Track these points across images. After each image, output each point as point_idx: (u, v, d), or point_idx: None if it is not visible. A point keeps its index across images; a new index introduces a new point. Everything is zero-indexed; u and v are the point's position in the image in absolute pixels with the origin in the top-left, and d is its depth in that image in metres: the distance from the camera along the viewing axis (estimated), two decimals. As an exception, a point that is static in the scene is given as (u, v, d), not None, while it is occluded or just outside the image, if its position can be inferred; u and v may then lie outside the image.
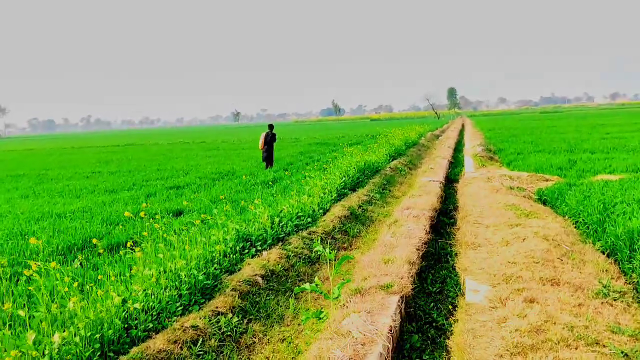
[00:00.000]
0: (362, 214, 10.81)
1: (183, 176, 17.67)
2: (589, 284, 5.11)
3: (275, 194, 12.79)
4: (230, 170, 19.06)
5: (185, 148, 37.44)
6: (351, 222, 9.92)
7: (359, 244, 8.83)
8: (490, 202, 9.08)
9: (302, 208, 9.47)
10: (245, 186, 14.50)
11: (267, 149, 18.55)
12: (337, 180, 12.71)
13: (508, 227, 7.08)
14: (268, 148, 18.55)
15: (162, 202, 12.23)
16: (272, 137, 18.53)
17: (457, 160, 21.24)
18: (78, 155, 34.05)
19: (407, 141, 26.71)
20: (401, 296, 4.75)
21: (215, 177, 16.94)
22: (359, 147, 20.52)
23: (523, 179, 12.76)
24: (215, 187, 14.72)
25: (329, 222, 9.24)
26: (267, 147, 18.51)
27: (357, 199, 11.82)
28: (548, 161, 16.61)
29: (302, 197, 10.14)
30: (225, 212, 8.78)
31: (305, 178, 12.77)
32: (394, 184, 15.34)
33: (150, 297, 4.93)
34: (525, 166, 15.97)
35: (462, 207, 9.49)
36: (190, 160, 25.26)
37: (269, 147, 18.57)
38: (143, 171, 20.48)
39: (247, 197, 12.33)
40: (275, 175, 16.90)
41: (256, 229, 7.65)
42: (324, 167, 15.29)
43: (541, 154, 18.94)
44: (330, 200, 10.83)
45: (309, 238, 8.20)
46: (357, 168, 14.64)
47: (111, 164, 25.37)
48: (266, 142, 18.42)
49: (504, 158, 18.79)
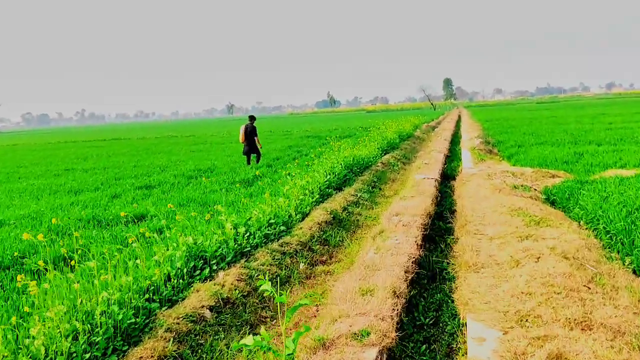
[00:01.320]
0: (347, 218, 9.56)
1: (158, 174, 16.37)
2: (628, 324, 3.87)
3: (254, 195, 11.54)
4: (211, 166, 17.78)
5: (171, 142, 36.08)
6: (333, 229, 8.66)
7: (341, 256, 7.59)
8: (493, 205, 7.83)
9: (276, 213, 8.20)
10: (222, 185, 13.23)
11: (248, 142, 17.07)
12: (321, 178, 11.45)
13: (517, 239, 5.83)
14: (249, 142, 17.10)
15: (125, 206, 10.95)
16: (252, 130, 16.99)
17: (454, 154, 19.99)
18: (59, 151, 32.65)
19: (401, 134, 25.43)
20: (380, 350, 3.50)
21: (192, 175, 15.65)
22: (347, 141, 19.24)
23: (527, 175, 11.53)
24: (190, 186, 13.44)
25: (306, 230, 7.98)
26: (248, 140, 17.04)
27: (343, 199, 10.57)
28: (552, 154, 15.39)
29: (279, 199, 8.87)
30: (189, 219, 7.54)
31: (287, 176, 11.49)
32: (385, 181, 14.09)
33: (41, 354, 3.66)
34: (527, 160, 14.73)
35: (461, 210, 8.23)
36: (173, 155, 23.95)
37: (250, 140, 17.05)
38: (118, 168, 19.19)
39: (219, 198, 11.06)
40: (259, 171, 15.62)
41: (214, 242, 6.36)
42: (307, 164, 14.01)
43: (543, 146, 17.71)
44: (311, 203, 9.57)
45: (280, 251, 6.94)
46: (344, 164, 13.37)
47: (89, 160, 24.03)
48: (246, 136, 17.01)
49: (504, 151, 17.54)
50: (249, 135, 16.94)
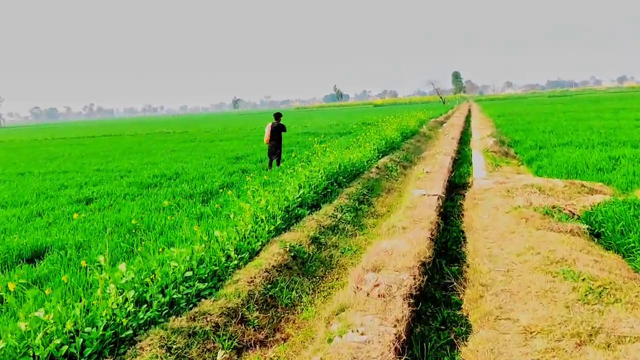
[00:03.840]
0: (316, 254, 7.00)
1: (112, 181, 13.89)
2: None
3: (206, 217, 9.04)
4: (180, 171, 15.28)
5: (159, 139, 33.62)
6: (291, 276, 6.13)
7: (292, 329, 5.06)
8: (521, 251, 5.25)
9: (201, 258, 5.66)
10: (178, 199, 10.74)
11: (274, 143, 14.77)
12: (290, 195, 8.91)
13: (574, 343, 3.26)
14: (275, 142, 14.78)
15: (36, 231, 8.48)
16: (279, 128, 14.81)
17: (463, 156, 17.35)
18: (36, 150, 30.33)
19: (404, 131, 22.79)
20: None
21: (150, 183, 13.16)
22: (339, 141, 16.59)
23: (558, 190, 8.90)
24: (137, 200, 10.94)
25: (243, 285, 5.44)
26: (274, 141, 14.75)
27: (316, 224, 8.03)
28: (581, 159, 12.73)
29: (215, 232, 6.34)
30: (107, 253, 5.07)
31: (248, 192, 8.92)
32: (378, 192, 11.52)
33: None
34: (553, 167, 12.08)
35: (472, 261, 5.55)
36: (151, 155, 21.48)
37: (277, 141, 14.81)
38: (77, 172, 16.75)
39: (157, 222, 8.57)
40: (229, 179, 13.11)
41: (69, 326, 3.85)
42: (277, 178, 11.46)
43: (569, 147, 15.03)
44: (266, 234, 7.02)
45: (186, 332, 4.41)
46: (326, 173, 10.81)
47: (55, 161, 21.62)
48: (272, 135, 14.70)
49: (523, 154, 14.86)
50: (276, 134, 14.74)
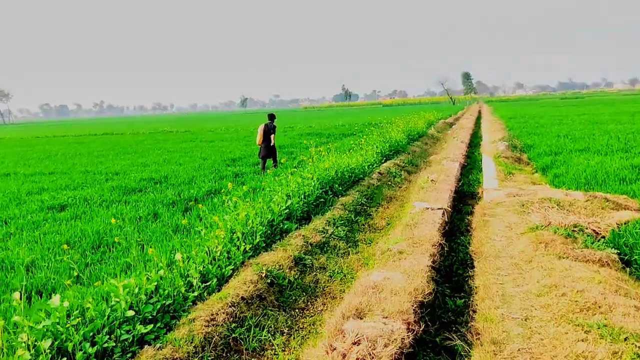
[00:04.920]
0: (297, 280, 6.02)
1: (95, 185, 13.00)
2: None
3: (181, 230, 8.09)
4: (169, 173, 14.38)
5: (160, 139, 32.77)
6: (263, 310, 5.15)
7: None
8: (542, 290, 4.25)
9: (155, 289, 4.70)
10: (157, 207, 9.82)
11: (266, 144, 14.38)
12: (278, 204, 7.94)
13: None
14: (267, 143, 14.38)
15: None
16: (272, 130, 14.42)
17: (473, 161, 16.29)
18: (31, 148, 29.58)
19: (411, 133, 21.74)
20: None
21: (134, 188, 12.26)
22: (332, 145, 15.62)
23: (579, 205, 7.85)
24: (113, 207, 10.02)
25: (200, 325, 4.46)
26: (265, 142, 14.36)
27: (302, 241, 7.04)
28: (601, 167, 11.65)
29: (177, 255, 5.37)
30: None
31: (227, 203, 7.92)
32: (378, 201, 10.52)
33: None
34: (570, 176, 11.01)
35: (482, 304, 4.42)
36: (145, 156, 20.61)
37: (268, 141, 14.39)
38: (66, 173, 15.93)
39: (127, 234, 7.64)
40: (218, 184, 12.17)
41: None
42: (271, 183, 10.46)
43: (586, 154, 13.92)
44: (240, 256, 6.04)
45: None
46: (321, 181, 9.82)
47: (48, 160, 20.81)
48: (265, 137, 14.31)
49: (537, 160, 13.77)
50: (267, 136, 14.34)
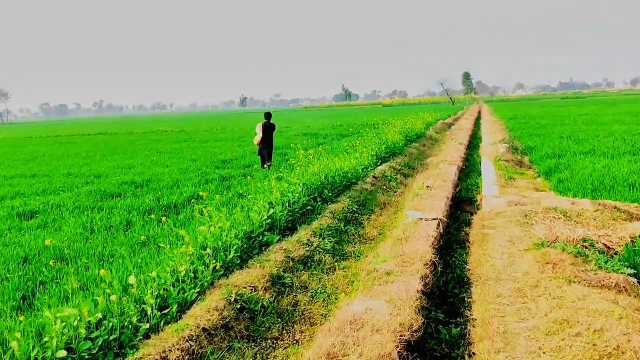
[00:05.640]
0: (272, 304, 5.32)
1: (75, 188, 12.34)
2: None
3: (148, 243, 7.40)
4: (152, 176, 13.69)
5: (153, 139, 32.05)
6: (228, 342, 4.47)
7: None
8: (551, 328, 3.57)
9: (93, 322, 4.01)
10: (132, 215, 9.14)
11: (267, 145, 14.07)
12: (258, 213, 7.25)
13: None
14: (268, 143, 14.09)
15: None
16: (272, 128, 14.22)
17: (472, 164, 15.60)
18: (19, 149, 28.90)
19: (409, 134, 21.05)
20: None
21: (113, 193, 11.57)
22: (322, 148, 14.94)
23: (587, 216, 7.17)
24: (85, 215, 9.33)
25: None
26: (267, 142, 14.05)
27: (282, 256, 6.35)
28: (608, 171, 10.97)
29: (130, 278, 4.68)
30: None
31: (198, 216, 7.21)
32: (371, 208, 9.83)
33: None
34: (576, 181, 10.32)
35: (480, 344, 3.69)
36: (133, 157, 19.91)
37: (269, 141, 14.14)
38: (47, 176, 15.26)
39: (100, 246, 6.95)
40: (202, 189, 11.49)
41: None
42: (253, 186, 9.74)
43: (592, 157, 13.23)
44: (209, 276, 5.36)
45: None
46: (307, 187, 9.13)
47: (34, 161, 20.12)
48: (264, 135, 13.96)
49: (539, 163, 13.08)
50: (268, 135, 14.05)
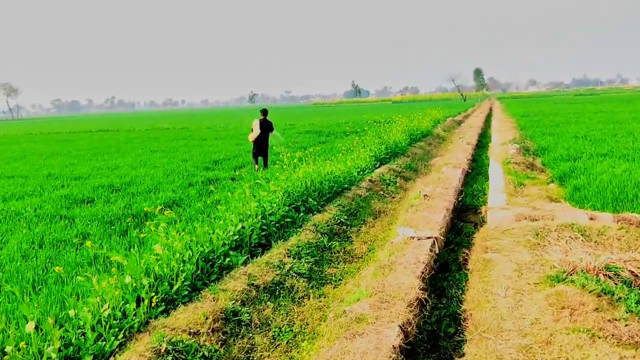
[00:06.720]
0: (219, 351, 4.31)
1: (47, 192, 11.46)
2: None
3: (93, 264, 6.42)
4: (133, 179, 12.80)
5: (152, 136, 31.21)
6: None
7: None
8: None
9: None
10: (92, 227, 8.19)
11: (262, 143, 13.15)
12: (222, 230, 6.25)
13: None
14: (263, 142, 13.15)
15: None
16: (268, 126, 13.22)
17: (479, 165, 14.47)
18: (10, 147, 28.22)
19: (414, 133, 19.92)
20: None
21: (86, 198, 10.66)
22: (316, 149, 13.90)
23: (610, 235, 6.08)
24: (46, 224, 8.41)
25: None
26: (262, 140, 13.11)
27: (244, 283, 5.35)
28: (630, 176, 9.84)
29: (28, 325, 3.69)
30: None
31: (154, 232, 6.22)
32: (363, 218, 8.79)
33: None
34: (594, 188, 9.19)
35: None
36: (124, 157, 19.06)
37: (264, 140, 13.19)
38: (27, 177, 14.47)
39: (40, 264, 6.01)
40: (181, 194, 10.54)
41: None
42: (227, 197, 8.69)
43: (610, 159, 12.07)
44: (142, 315, 4.37)
45: None
46: (289, 195, 8.12)
47: (20, 161, 19.34)
48: (261, 133, 13.00)
49: (553, 166, 11.94)
50: (264, 133, 13.12)
